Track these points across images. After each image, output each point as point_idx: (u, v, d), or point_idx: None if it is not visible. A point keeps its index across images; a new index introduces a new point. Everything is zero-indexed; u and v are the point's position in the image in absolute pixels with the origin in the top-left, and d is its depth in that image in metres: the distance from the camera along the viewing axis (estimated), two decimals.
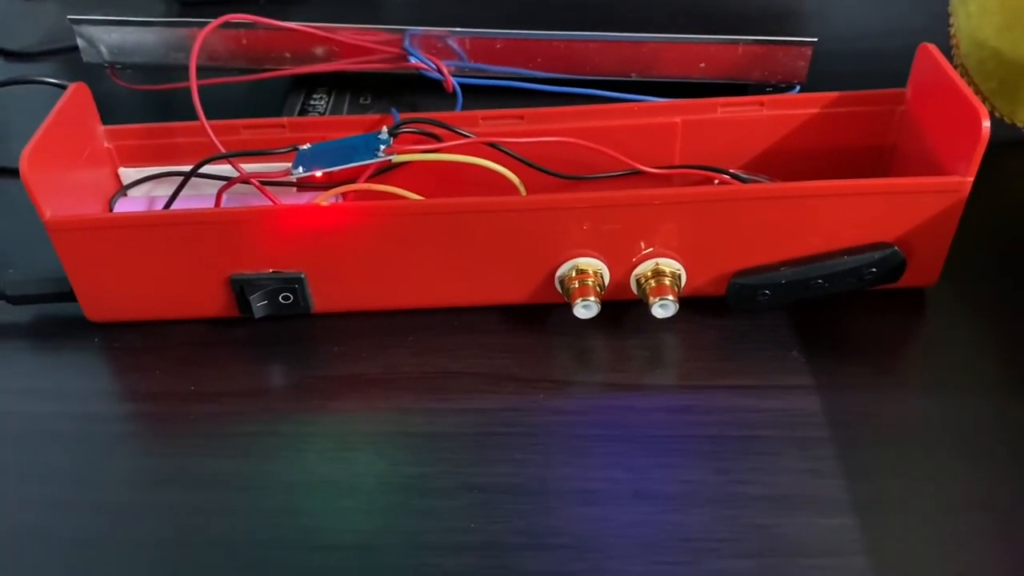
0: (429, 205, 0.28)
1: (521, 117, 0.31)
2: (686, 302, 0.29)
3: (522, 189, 0.29)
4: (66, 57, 0.47)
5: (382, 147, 0.28)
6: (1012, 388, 0.27)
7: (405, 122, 0.30)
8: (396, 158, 0.28)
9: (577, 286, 0.28)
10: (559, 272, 0.28)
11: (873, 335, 0.29)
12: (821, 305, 0.29)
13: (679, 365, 0.29)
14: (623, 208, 0.27)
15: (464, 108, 0.34)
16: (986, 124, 0.26)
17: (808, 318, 0.29)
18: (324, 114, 0.37)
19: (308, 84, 0.38)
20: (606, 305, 0.29)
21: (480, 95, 0.35)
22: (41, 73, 0.42)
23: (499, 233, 0.28)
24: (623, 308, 0.30)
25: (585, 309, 0.28)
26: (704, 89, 0.35)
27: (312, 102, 0.37)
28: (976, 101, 0.26)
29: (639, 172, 0.30)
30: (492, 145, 0.29)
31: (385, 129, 0.29)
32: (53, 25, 0.50)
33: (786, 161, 0.32)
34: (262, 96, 0.38)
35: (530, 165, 0.30)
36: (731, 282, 0.28)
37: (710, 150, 0.31)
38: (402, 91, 0.37)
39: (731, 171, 0.30)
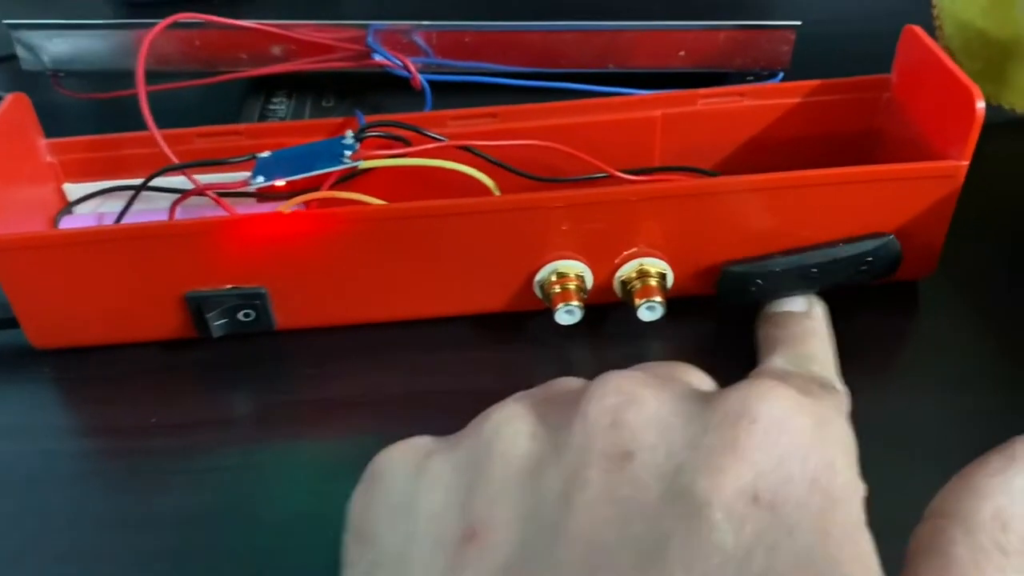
0: (397, 209, 0.26)
1: (494, 115, 0.29)
2: (674, 303, 0.28)
3: (496, 191, 0.27)
4: (4, 66, 0.44)
5: (347, 152, 0.27)
6: (1015, 385, 0.26)
7: (371, 125, 0.28)
8: (363, 164, 0.27)
9: (559, 291, 0.26)
10: (538, 276, 0.27)
11: (869, 332, 0.28)
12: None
13: None
14: (604, 205, 0.26)
15: (434, 106, 0.33)
16: (980, 104, 0.24)
17: None
18: (284, 119, 0.35)
19: (266, 87, 0.36)
20: (590, 310, 0.27)
21: (450, 92, 0.33)
22: None
23: (474, 237, 0.26)
24: (606, 312, 0.28)
25: (568, 315, 0.26)
26: (683, 79, 0.34)
27: (271, 106, 0.35)
28: (968, 80, 0.25)
29: (609, 176, 0.29)
30: (465, 148, 0.28)
31: (350, 133, 0.27)
32: None
33: (771, 152, 0.30)
34: (217, 102, 0.36)
35: (504, 167, 0.28)
36: (723, 270, 0.26)
37: (692, 144, 0.30)
38: (367, 91, 0.35)
39: (709, 170, 0.29)
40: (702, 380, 0.19)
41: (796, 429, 0.16)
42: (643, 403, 0.17)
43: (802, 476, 0.15)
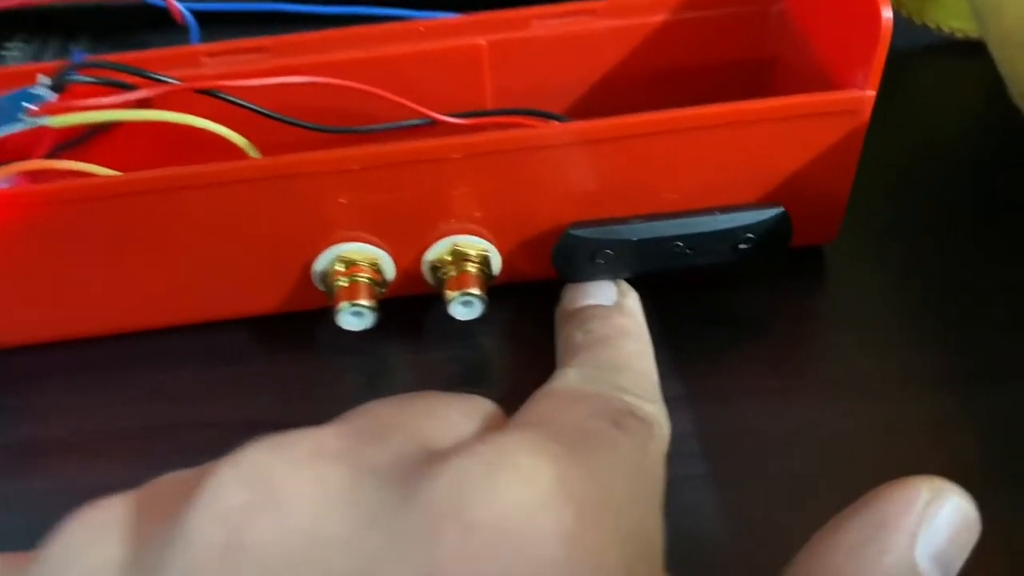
0: (111, 184, 0.19)
1: (262, 49, 0.22)
2: (505, 291, 0.21)
3: (251, 152, 0.20)
4: None
5: (34, 105, 0.19)
6: (932, 383, 0.20)
7: (76, 67, 0.20)
8: (51, 121, 0.19)
9: (344, 284, 0.20)
10: (316, 266, 0.20)
11: (758, 321, 0.21)
12: (688, 284, 0.22)
13: (505, 379, 0.21)
14: (393, 169, 0.19)
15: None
16: (887, 15, 0.18)
17: (671, 300, 0.22)
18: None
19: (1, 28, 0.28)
20: (399, 304, 0.21)
21: (228, 25, 0.25)
22: None
23: (223, 217, 0.19)
24: (423, 306, 0.22)
25: (355, 318, 0.19)
26: None
27: (4, 52, 0.27)
28: None
29: (432, 122, 0.22)
30: (209, 93, 0.20)
31: (42, 79, 0.20)
32: None
33: (638, 90, 0.24)
34: None
35: (272, 116, 0.21)
36: (565, 234, 0.20)
37: (533, 81, 0.23)
38: (129, 31, 0.27)
39: (557, 114, 0.22)
40: (462, 423, 0.13)
41: (537, 532, 0.10)
42: (285, 505, 0.10)
43: None
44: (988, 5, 0.21)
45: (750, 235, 0.20)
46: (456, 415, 0.14)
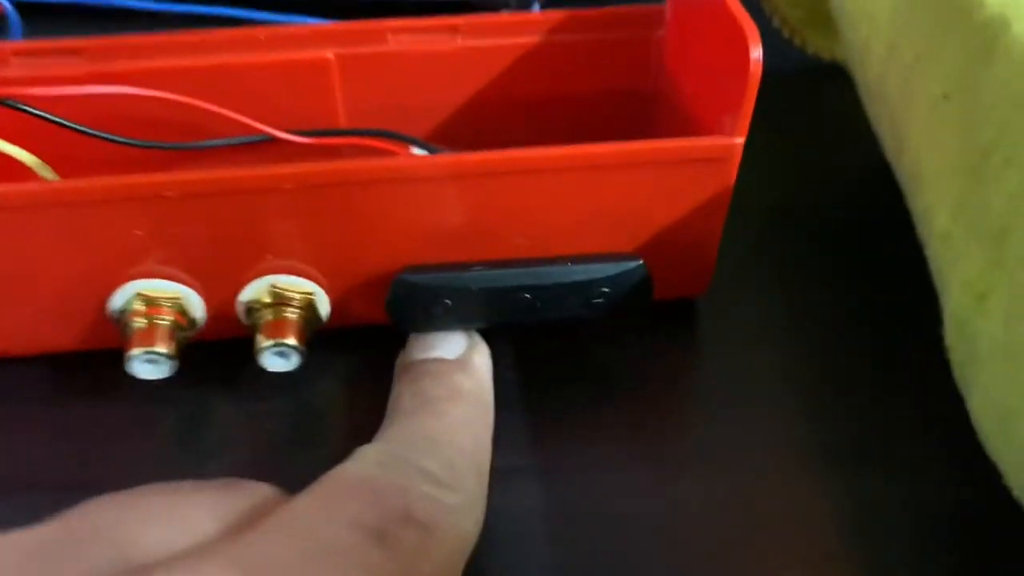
0: None
1: (79, 51, 0.20)
2: (347, 332, 0.19)
3: (44, 172, 0.18)
4: None
5: None
6: (805, 456, 0.18)
7: None
8: None
9: (140, 326, 0.17)
10: (112, 304, 0.17)
11: (624, 378, 0.20)
12: (550, 334, 0.20)
13: (338, 437, 0.19)
14: (199, 200, 0.17)
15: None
16: (755, 56, 0.16)
17: (528, 351, 0.20)
18: None
19: None
20: (213, 349, 0.18)
21: (57, 19, 0.23)
22: None
23: (7, 243, 0.17)
24: (242, 351, 0.19)
25: (149, 365, 0.17)
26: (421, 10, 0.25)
27: None
28: (744, 21, 0.17)
29: (271, 139, 0.20)
30: (4, 103, 0.18)
31: None
32: None
33: (506, 116, 0.22)
34: None
35: (81, 131, 0.18)
36: (397, 279, 0.18)
37: (389, 102, 0.21)
38: None
39: (415, 138, 0.20)
40: (200, 525, 0.11)
41: None
42: None
43: None
44: (853, 57, 0.20)
45: (605, 289, 0.18)
46: (199, 514, 0.11)
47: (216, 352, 0.19)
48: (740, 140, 0.17)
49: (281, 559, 0.11)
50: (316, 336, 0.18)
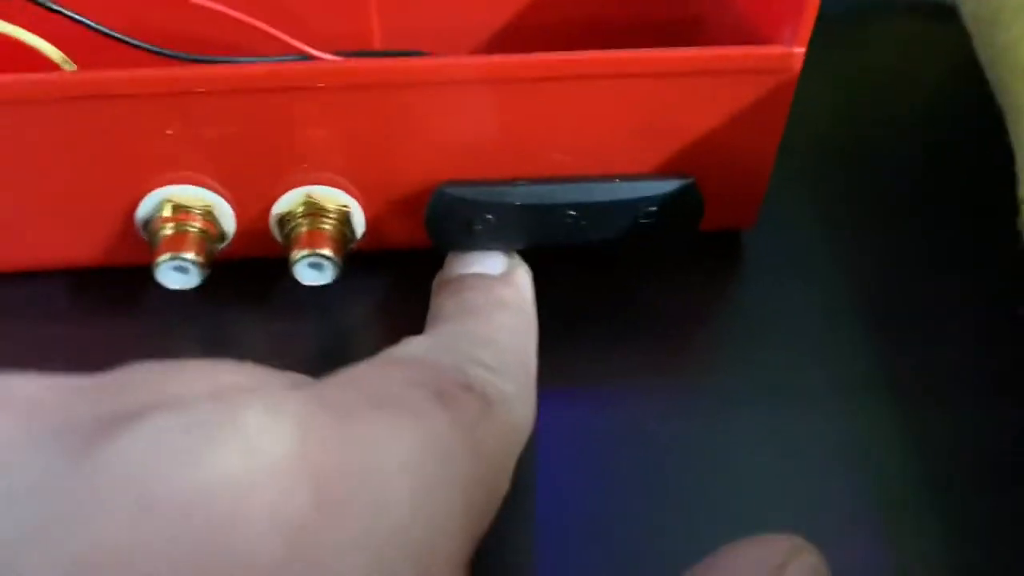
0: None
1: None
2: (376, 258, 0.18)
3: (66, 65, 0.17)
4: None
5: None
6: (849, 394, 0.17)
7: None
8: None
9: (169, 233, 0.16)
10: (140, 211, 0.17)
11: (659, 314, 0.19)
12: (586, 266, 0.19)
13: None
14: (235, 97, 0.16)
15: None
16: None
17: (563, 283, 0.19)
18: None
19: None
20: (240, 267, 0.18)
21: None
22: None
23: (29, 142, 0.16)
24: (270, 270, 0.18)
25: (178, 273, 0.16)
26: None
27: None
28: None
29: (306, 59, 0.19)
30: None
31: None
32: None
33: (543, 42, 0.21)
34: None
35: (107, 34, 0.18)
36: (438, 191, 0.17)
37: (426, 24, 0.20)
38: None
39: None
40: (234, 384, 0.10)
41: (245, 519, 0.07)
42: None
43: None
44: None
45: (654, 208, 0.17)
46: (237, 377, 0.11)
47: (244, 271, 0.18)
48: (801, 50, 0.16)
49: (352, 403, 0.10)
50: (348, 259, 0.18)
